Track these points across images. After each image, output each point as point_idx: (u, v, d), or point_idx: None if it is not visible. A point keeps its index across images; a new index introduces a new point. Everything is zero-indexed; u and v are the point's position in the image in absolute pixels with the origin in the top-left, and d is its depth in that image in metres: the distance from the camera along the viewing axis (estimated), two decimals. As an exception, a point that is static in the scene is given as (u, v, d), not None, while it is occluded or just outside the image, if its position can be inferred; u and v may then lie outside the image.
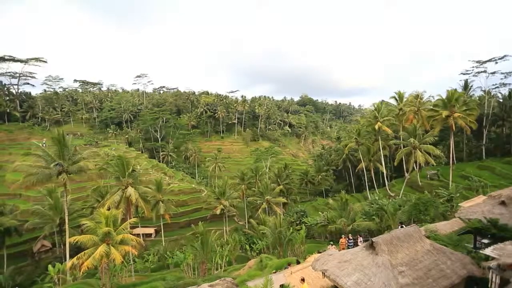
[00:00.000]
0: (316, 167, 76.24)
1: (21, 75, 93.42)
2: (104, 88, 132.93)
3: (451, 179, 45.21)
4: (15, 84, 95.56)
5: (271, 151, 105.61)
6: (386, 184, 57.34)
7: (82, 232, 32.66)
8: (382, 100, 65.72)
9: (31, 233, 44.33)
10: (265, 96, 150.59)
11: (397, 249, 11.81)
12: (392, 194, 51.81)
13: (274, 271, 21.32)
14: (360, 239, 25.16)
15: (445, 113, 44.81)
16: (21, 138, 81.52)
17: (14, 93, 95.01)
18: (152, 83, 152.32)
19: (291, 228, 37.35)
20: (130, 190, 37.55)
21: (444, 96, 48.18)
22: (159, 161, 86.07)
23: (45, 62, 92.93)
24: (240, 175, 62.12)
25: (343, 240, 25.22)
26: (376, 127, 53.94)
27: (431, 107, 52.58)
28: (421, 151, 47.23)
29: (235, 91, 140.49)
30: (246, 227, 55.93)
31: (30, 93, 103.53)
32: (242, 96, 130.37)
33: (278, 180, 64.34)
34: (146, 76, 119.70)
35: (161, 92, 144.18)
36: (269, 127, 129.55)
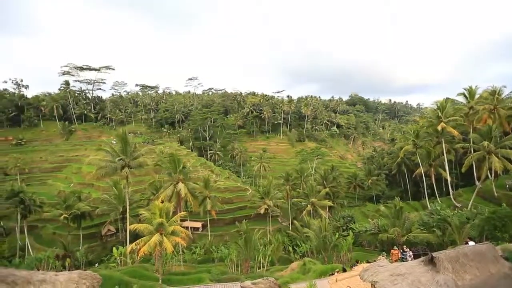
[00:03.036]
0: (366, 171, 71.35)
1: (94, 81, 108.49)
2: (160, 91, 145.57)
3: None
4: (90, 90, 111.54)
5: (317, 152, 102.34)
6: (451, 193, 50.54)
7: (140, 221, 36.12)
8: (447, 98, 58.04)
9: (100, 218, 50.68)
10: (311, 96, 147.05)
11: (465, 268, 10.12)
12: (458, 205, 45.45)
13: (318, 276, 20.43)
14: (410, 252, 22.24)
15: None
16: (94, 135, 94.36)
17: (89, 97, 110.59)
18: (202, 85, 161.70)
19: (337, 233, 35.53)
20: (181, 186, 40.22)
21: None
22: (207, 159, 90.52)
23: (113, 69, 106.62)
24: (285, 175, 61.55)
25: (395, 251, 22.83)
26: (439, 128, 47.80)
27: (513, 104, 44.64)
28: (498, 157, 40.23)
29: (281, 91, 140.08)
30: (290, 228, 55.12)
31: (101, 97, 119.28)
32: (288, 96, 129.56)
33: (324, 182, 61.93)
34: (196, 79, 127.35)
35: (210, 93, 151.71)
36: (316, 127, 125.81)
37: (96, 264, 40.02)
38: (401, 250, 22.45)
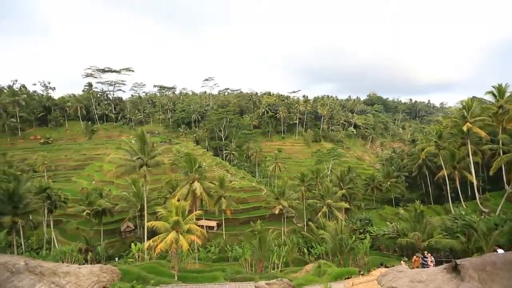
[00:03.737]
0: (385, 172, 69.18)
1: (115, 83, 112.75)
2: (177, 92, 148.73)
3: None
4: (111, 91, 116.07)
5: (334, 152, 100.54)
6: (477, 197, 47.87)
7: (157, 218, 37.03)
8: (473, 97, 55.06)
9: (120, 214, 52.56)
10: (328, 96, 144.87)
11: (492, 277, 9.48)
12: (485, 210, 42.99)
13: (333, 279, 20.05)
14: (431, 258, 21.15)
15: None
16: (114, 135, 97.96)
17: (110, 98, 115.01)
18: (218, 86, 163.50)
19: (354, 236, 34.70)
20: (196, 185, 40.88)
21: None
22: (222, 159, 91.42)
23: (133, 71, 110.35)
24: (300, 176, 60.89)
25: (417, 258, 21.85)
26: (465, 128, 45.38)
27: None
28: (529, 159, 37.78)
29: (297, 91, 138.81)
30: (305, 229, 54.48)
31: (121, 97, 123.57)
32: (303, 96, 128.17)
33: (341, 183, 60.66)
34: (212, 79, 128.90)
35: (226, 93, 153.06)
36: (332, 127, 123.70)
37: (116, 259, 41.51)
38: (422, 256, 21.52)
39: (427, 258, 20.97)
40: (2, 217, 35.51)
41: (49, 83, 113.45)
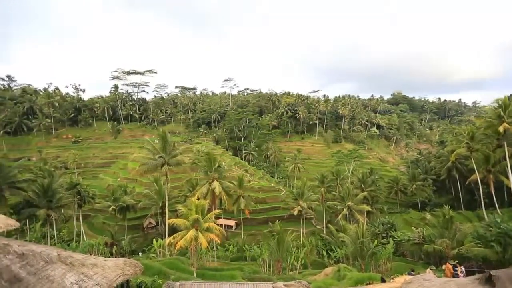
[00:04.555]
0: (410, 175, 66.10)
1: (139, 84, 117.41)
2: (198, 92, 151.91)
3: None
4: (135, 92, 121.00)
5: (355, 153, 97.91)
6: (514, 203, 44.41)
7: (177, 216, 38.02)
8: (511, 95, 51.04)
9: (142, 211, 54.43)
10: (349, 95, 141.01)
11: (533, 291, 8.72)
12: (522, 217, 39.68)
13: (354, 284, 19.44)
14: (461, 268, 19.72)
15: None
16: (138, 134, 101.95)
17: (135, 99, 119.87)
18: (237, 86, 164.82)
19: (376, 240, 33.48)
20: (215, 184, 41.46)
21: None
22: (241, 159, 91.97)
23: (156, 72, 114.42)
24: (320, 177, 59.85)
25: (449, 266, 20.42)
26: (501, 129, 42.17)
27: None
28: None
29: (317, 91, 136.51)
30: (324, 232, 53.48)
31: (145, 98, 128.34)
32: (324, 96, 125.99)
33: (362, 186, 58.84)
34: (232, 80, 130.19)
35: (245, 94, 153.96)
36: (354, 128, 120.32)
37: (140, 253, 43.09)
38: (453, 265, 20.17)
39: (457, 268, 19.64)
40: (38, 210, 38.10)
41: (80, 85, 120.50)
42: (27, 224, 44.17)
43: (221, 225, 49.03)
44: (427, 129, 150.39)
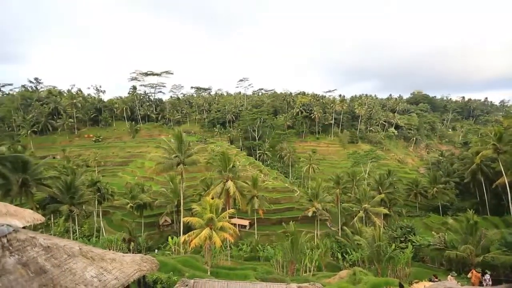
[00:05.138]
0: (431, 177, 63.58)
1: (156, 85, 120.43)
2: (213, 93, 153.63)
3: None
4: (152, 93, 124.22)
5: (372, 154, 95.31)
6: (545, 208, 41.64)
7: (192, 214, 38.65)
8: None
9: (158, 209, 55.76)
10: (366, 95, 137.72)
11: None
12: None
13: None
14: (486, 276, 18.59)
15: None
16: (155, 134, 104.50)
17: (152, 100, 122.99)
18: (252, 86, 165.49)
19: (394, 244, 32.44)
20: (230, 184, 41.68)
21: None
22: (256, 159, 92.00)
23: (172, 74, 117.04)
24: (335, 178, 58.80)
25: (476, 273, 19.38)
26: (530, 129, 39.81)
27: None
28: None
29: (333, 91, 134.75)
30: (339, 234, 52.45)
31: (161, 99, 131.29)
32: (339, 96, 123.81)
33: (379, 187, 57.22)
34: (247, 80, 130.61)
35: (260, 94, 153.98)
36: (371, 128, 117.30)
37: (156, 250, 44.14)
38: (482, 273, 19.13)
39: (486, 275, 18.52)
40: (61, 205, 39.94)
41: (100, 86, 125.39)
42: (52, 218, 46.45)
43: (235, 225, 49.28)
44: (450, 130, 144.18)
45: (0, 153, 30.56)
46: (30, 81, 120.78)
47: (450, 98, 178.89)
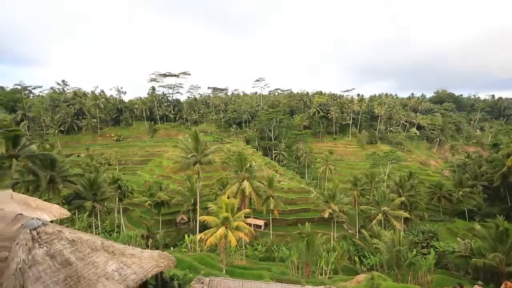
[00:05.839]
0: (456, 180, 60.55)
1: (174, 86, 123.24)
2: (229, 93, 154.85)
3: None
4: (170, 93, 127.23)
5: (392, 156, 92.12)
6: None
7: (208, 213, 39.15)
8: None
9: (176, 207, 56.96)
10: (386, 94, 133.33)
11: None
12: None
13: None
14: None
15: None
16: (172, 134, 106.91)
17: (170, 100, 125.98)
18: (268, 86, 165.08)
19: (415, 249, 31.19)
20: (246, 184, 41.86)
21: None
22: (272, 159, 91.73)
23: (189, 74, 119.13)
24: (353, 179, 57.43)
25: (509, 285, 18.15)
26: None
27: None
28: None
29: (351, 90, 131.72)
30: (357, 237, 51.19)
31: (179, 99, 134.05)
32: (358, 95, 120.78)
33: (400, 190, 55.23)
34: (263, 80, 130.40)
35: (276, 94, 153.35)
36: (391, 128, 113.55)
37: (172, 248, 45.19)
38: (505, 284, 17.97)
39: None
40: (85, 201, 41.87)
41: (121, 88, 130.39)
42: (76, 214, 48.78)
43: (250, 224, 49.36)
44: (477, 130, 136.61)
45: (31, 151, 32.38)
46: (58, 83, 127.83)
47: (478, 97, 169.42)
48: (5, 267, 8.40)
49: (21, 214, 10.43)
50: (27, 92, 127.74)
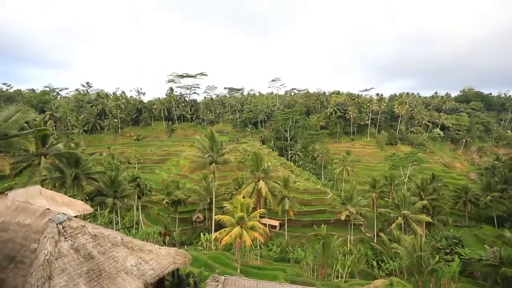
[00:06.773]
0: (484, 184, 57.34)
1: (191, 87, 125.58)
2: (245, 93, 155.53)
3: None
4: (188, 94, 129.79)
5: (413, 157, 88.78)
6: None
7: (223, 212, 39.48)
8: None
9: (192, 206, 57.91)
10: (407, 93, 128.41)
11: None
12: None
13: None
14: None
15: None
16: (189, 133, 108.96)
17: (187, 101, 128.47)
18: (285, 86, 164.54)
19: (437, 256, 29.88)
20: (261, 184, 41.84)
21: None
22: (287, 159, 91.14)
23: (206, 75, 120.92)
24: (371, 181, 55.81)
25: None
26: None
27: None
28: None
29: (369, 89, 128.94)
30: (375, 240, 49.69)
31: (196, 100, 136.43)
32: (377, 94, 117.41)
33: (421, 193, 53.09)
34: (279, 80, 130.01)
35: (292, 94, 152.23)
36: (412, 129, 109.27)
37: (187, 246, 46.00)
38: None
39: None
40: (106, 198, 43.59)
41: (141, 89, 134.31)
42: (98, 210, 50.86)
43: (265, 225, 49.34)
44: (508, 131, 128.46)
45: (58, 150, 34.15)
46: (83, 85, 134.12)
47: (510, 95, 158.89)
48: (34, 258, 8.90)
49: (48, 209, 11.02)
50: (54, 93, 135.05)
